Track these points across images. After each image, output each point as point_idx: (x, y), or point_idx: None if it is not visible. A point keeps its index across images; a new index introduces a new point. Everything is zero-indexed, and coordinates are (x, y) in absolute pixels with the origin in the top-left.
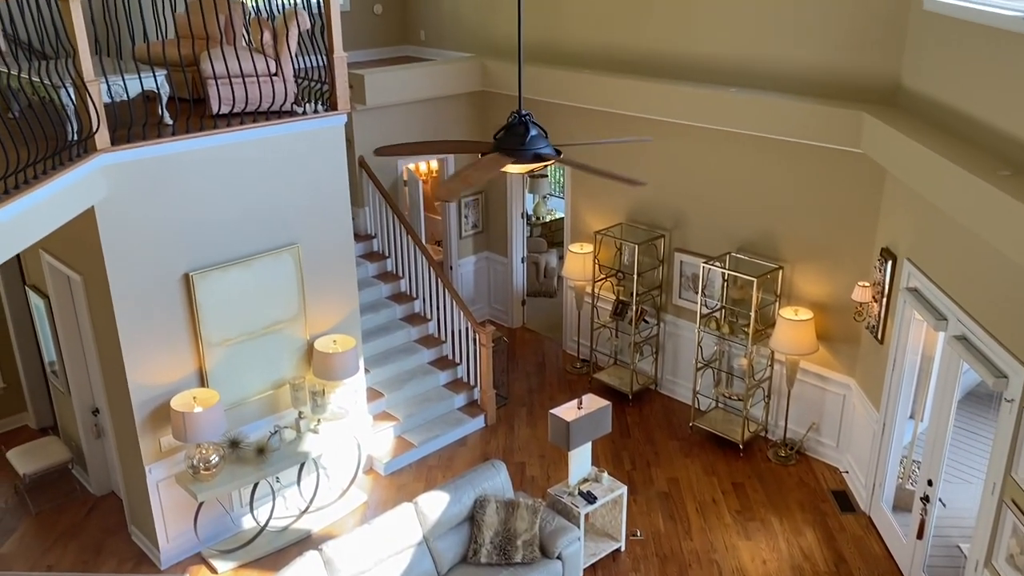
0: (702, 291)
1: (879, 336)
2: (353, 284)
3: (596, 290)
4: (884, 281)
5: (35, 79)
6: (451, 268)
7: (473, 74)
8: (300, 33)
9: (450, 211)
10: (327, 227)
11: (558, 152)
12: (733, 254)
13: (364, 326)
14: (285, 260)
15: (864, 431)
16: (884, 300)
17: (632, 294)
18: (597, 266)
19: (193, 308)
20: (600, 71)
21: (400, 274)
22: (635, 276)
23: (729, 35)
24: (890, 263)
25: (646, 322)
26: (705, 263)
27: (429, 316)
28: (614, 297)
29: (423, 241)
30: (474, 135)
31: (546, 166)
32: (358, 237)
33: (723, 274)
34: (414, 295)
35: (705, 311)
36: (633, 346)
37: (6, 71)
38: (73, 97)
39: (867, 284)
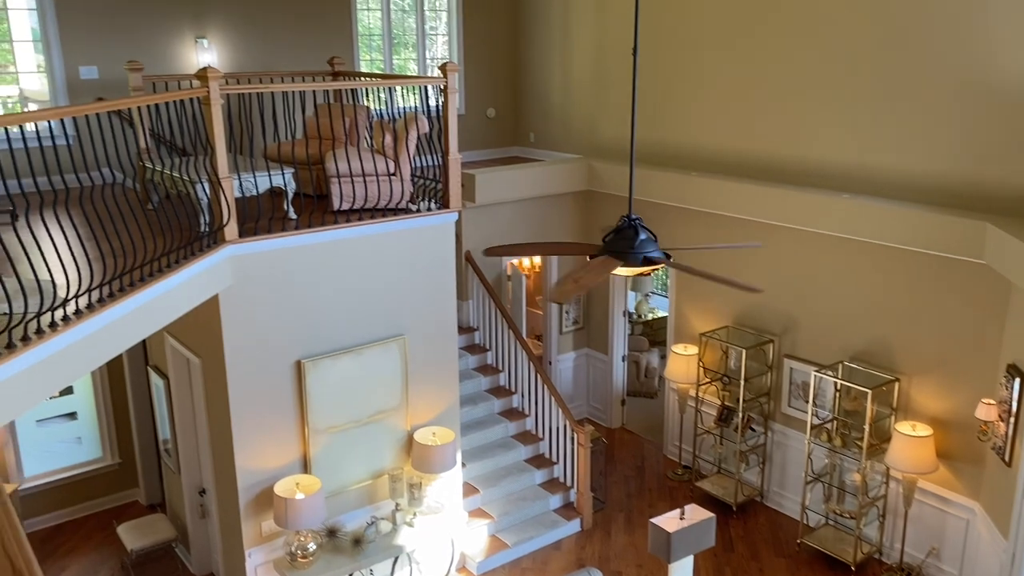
0: (813, 400)
1: (1006, 458)
2: (455, 377)
3: (700, 394)
4: (1012, 399)
5: (175, 174)
6: (550, 364)
7: (579, 174)
8: (419, 136)
9: (551, 306)
10: (433, 319)
11: (668, 256)
12: (846, 363)
13: (462, 419)
14: (392, 351)
15: (991, 560)
16: (1012, 420)
17: (738, 400)
18: (702, 369)
19: (302, 395)
20: (709, 173)
21: (500, 367)
22: (742, 381)
23: (842, 140)
24: (1018, 381)
25: (753, 430)
26: (816, 371)
27: (527, 412)
28: (719, 402)
29: (524, 335)
30: (579, 233)
31: (655, 269)
32: (461, 330)
33: (835, 384)
34: (513, 389)
35: (816, 422)
36: (739, 455)
37: (151, 167)
38: (208, 192)
39: (992, 402)
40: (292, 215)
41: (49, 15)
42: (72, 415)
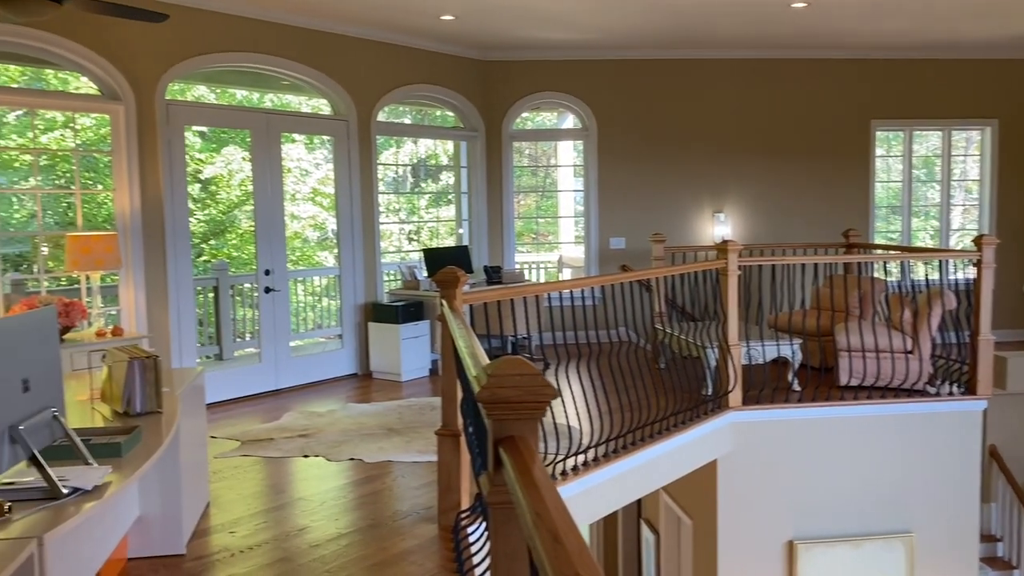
0: None
1: None
2: None
3: None
4: None
5: (686, 339)
6: None
7: None
8: (943, 313)
9: None
10: (947, 521)
11: None
12: None
13: None
14: (895, 549)
15: None
16: None
17: None
18: None
19: None
20: None
21: None
22: None
23: None
24: None
25: None
26: None
27: None
28: None
29: None
30: None
31: None
32: (980, 537)
33: None
34: None
35: None
36: None
37: (663, 330)
38: (716, 357)
39: None
40: (796, 387)
41: (592, 196)
42: None
